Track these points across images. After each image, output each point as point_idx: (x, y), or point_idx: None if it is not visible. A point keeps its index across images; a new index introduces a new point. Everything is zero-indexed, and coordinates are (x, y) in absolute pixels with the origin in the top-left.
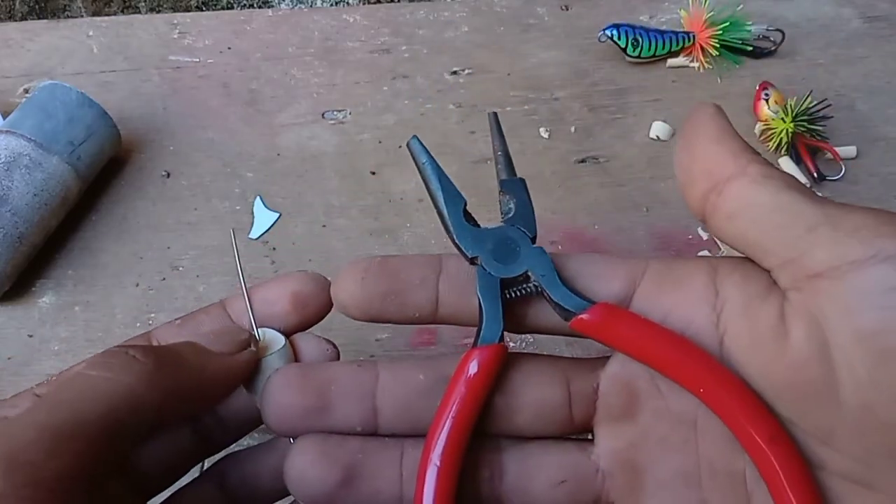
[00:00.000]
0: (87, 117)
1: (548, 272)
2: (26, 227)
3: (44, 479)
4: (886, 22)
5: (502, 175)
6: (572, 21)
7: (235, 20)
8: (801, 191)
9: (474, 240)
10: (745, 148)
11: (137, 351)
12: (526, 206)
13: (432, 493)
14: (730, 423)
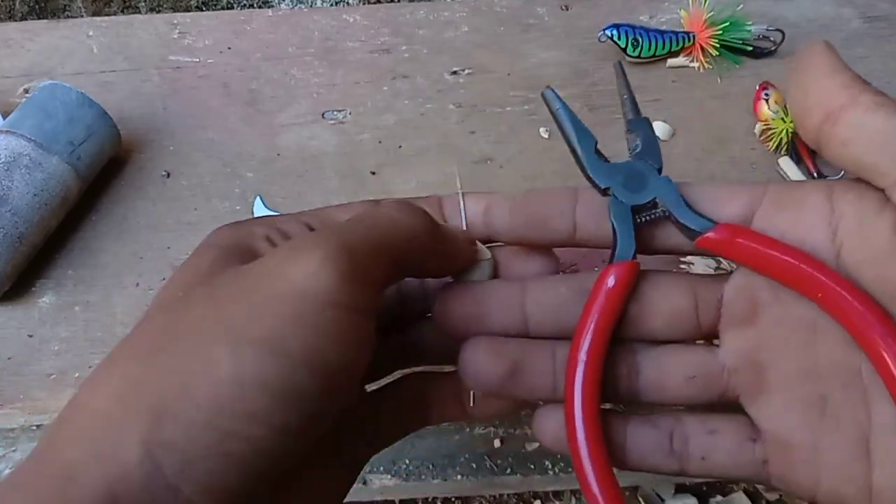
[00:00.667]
0: (87, 117)
1: (674, 198)
2: (26, 227)
3: (363, 277)
4: (886, 22)
5: (629, 115)
6: (572, 21)
7: (235, 20)
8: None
9: (606, 173)
10: (855, 78)
11: (420, 207)
12: (651, 141)
13: (580, 385)
14: (847, 325)
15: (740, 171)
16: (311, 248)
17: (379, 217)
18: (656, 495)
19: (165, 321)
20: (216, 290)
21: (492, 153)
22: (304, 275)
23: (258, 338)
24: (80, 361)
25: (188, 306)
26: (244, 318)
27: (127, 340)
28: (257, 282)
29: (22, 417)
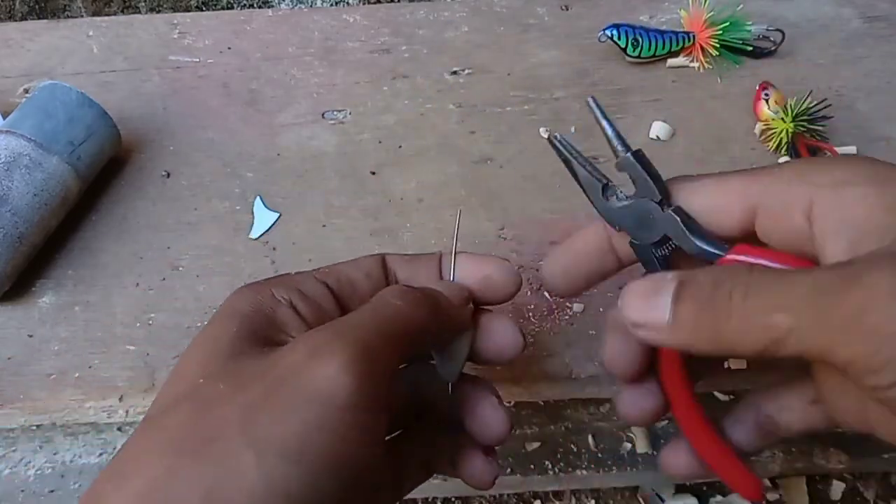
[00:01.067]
0: (87, 117)
1: (680, 232)
2: (26, 227)
3: (380, 375)
4: (886, 22)
5: (618, 152)
6: (572, 21)
7: (235, 20)
8: None
9: (618, 217)
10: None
11: (423, 293)
12: (644, 178)
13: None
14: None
15: None
16: (332, 352)
17: (389, 311)
18: (656, 495)
19: (191, 416)
20: (240, 388)
21: (492, 153)
22: (325, 379)
23: (284, 446)
24: (80, 361)
25: (212, 403)
26: (270, 425)
27: (152, 428)
28: (281, 383)
29: (22, 417)
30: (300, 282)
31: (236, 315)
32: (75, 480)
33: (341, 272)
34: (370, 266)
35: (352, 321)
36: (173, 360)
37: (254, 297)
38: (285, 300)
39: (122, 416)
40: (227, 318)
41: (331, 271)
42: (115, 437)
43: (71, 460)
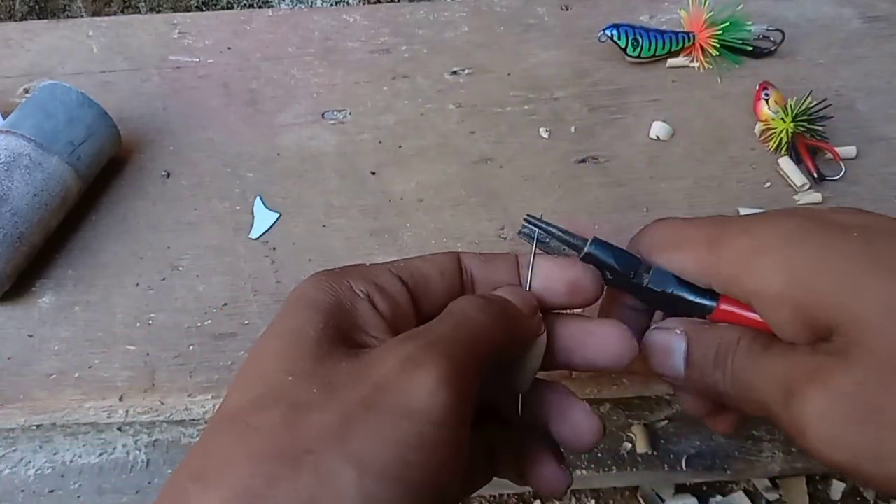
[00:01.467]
0: (87, 117)
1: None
2: (26, 227)
3: (469, 392)
4: (886, 22)
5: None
6: (572, 21)
7: (235, 20)
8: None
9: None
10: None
11: (501, 306)
12: (620, 253)
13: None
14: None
15: (740, 171)
16: (428, 365)
17: (473, 325)
18: (656, 495)
19: (285, 420)
20: (335, 395)
21: (492, 153)
22: (424, 394)
23: (384, 465)
24: (80, 361)
25: (307, 408)
26: (370, 441)
27: (240, 428)
28: (378, 394)
29: (22, 417)
30: (377, 274)
31: (318, 308)
32: (75, 480)
33: (416, 268)
34: (445, 264)
35: (440, 332)
36: (173, 360)
37: (332, 287)
38: (363, 294)
39: (121, 416)
40: (308, 310)
41: (406, 266)
42: (115, 437)
43: (71, 460)
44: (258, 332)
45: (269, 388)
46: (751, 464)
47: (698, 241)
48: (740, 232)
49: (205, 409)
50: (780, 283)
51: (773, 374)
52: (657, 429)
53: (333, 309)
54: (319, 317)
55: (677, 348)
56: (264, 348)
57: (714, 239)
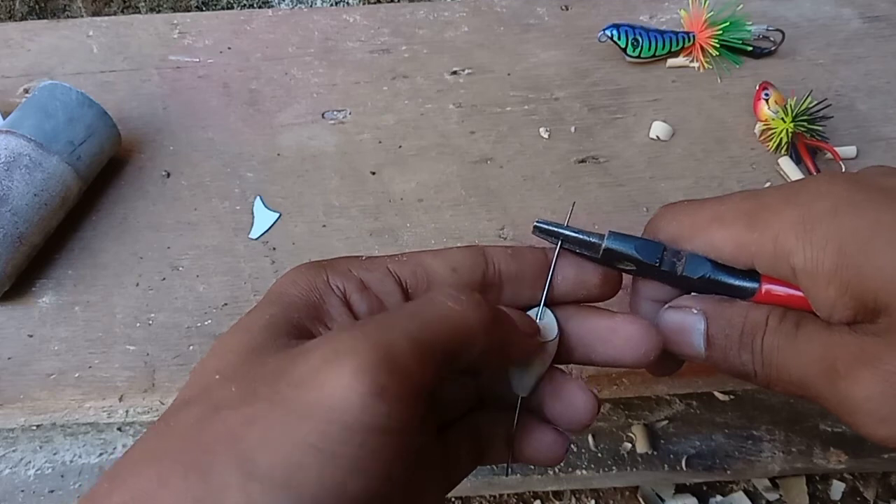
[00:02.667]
0: (87, 117)
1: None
2: (26, 227)
3: (403, 389)
4: (886, 22)
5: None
6: (572, 21)
7: (235, 20)
8: None
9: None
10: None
11: (485, 301)
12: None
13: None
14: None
15: (740, 171)
16: (350, 356)
17: (433, 312)
18: (656, 495)
19: (196, 421)
20: (249, 394)
21: (492, 153)
22: (333, 390)
23: (270, 470)
24: (80, 361)
25: (219, 408)
26: (262, 443)
27: (161, 428)
28: (288, 391)
29: (22, 417)
30: (367, 269)
31: (281, 303)
32: (75, 480)
33: (420, 263)
34: (461, 260)
35: (386, 320)
36: (173, 360)
37: (306, 280)
38: (339, 290)
39: (121, 416)
40: (270, 306)
41: (409, 260)
42: (115, 437)
43: (71, 460)
44: None
45: (199, 387)
46: (751, 464)
47: (734, 219)
48: (783, 203)
49: None
50: (830, 260)
51: (812, 354)
52: (657, 429)
53: (297, 303)
54: (274, 310)
55: (696, 328)
56: (216, 345)
57: (753, 214)
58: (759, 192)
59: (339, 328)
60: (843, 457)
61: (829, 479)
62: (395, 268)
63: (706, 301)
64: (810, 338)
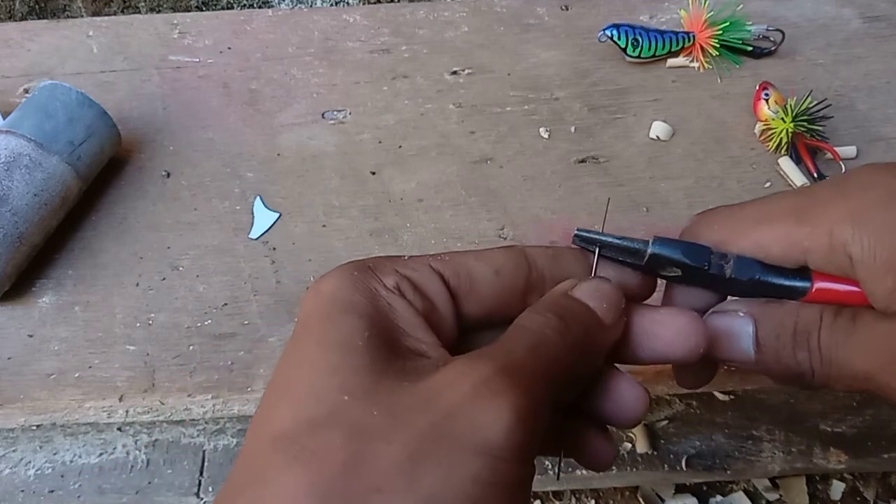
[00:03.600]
0: (87, 117)
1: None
2: (26, 227)
3: (541, 421)
4: (886, 22)
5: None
6: (572, 21)
7: (235, 20)
8: None
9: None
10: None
11: (585, 322)
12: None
13: None
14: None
15: (740, 171)
16: (506, 395)
17: (549, 351)
18: (656, 495)
19: (345, 448)
20: (399, 423)
21: (492, 153)
22: (501, 430)
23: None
24: (80, 361)
25: (369, 435)
26: (441, 480)
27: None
28: (448, 425)
29: (22, 417)
30: (413, 268)
31: (358, 312)
32: (75, 480)
33: (462, 264)
34: (503, 262)
35: (516, 356)
36: (173, 360)
37: (364, 285)
38: (396, 290)
39: (121, 416)
40: (348, 316)
41: (451, 260)
42: (115, 437)
43: (71, 460)
44: (258, 332)
45: (325, 407)
46: (751, 464)
47: (783, 216)
48: (835, 196)
49: (204, 409)
50: (887, 249)
51: (874, 347)
52: (657, 429)
53: (372, 312)
54: (363, 323)
55: (744, 332)
56: (312, 360)
57: (803, 209)
58: (805, 189)
59: (465, 360)
60: (843, 457)
61: (829, 479)
62: (438, 266)
63: (752, 304)
64: (870, 330)
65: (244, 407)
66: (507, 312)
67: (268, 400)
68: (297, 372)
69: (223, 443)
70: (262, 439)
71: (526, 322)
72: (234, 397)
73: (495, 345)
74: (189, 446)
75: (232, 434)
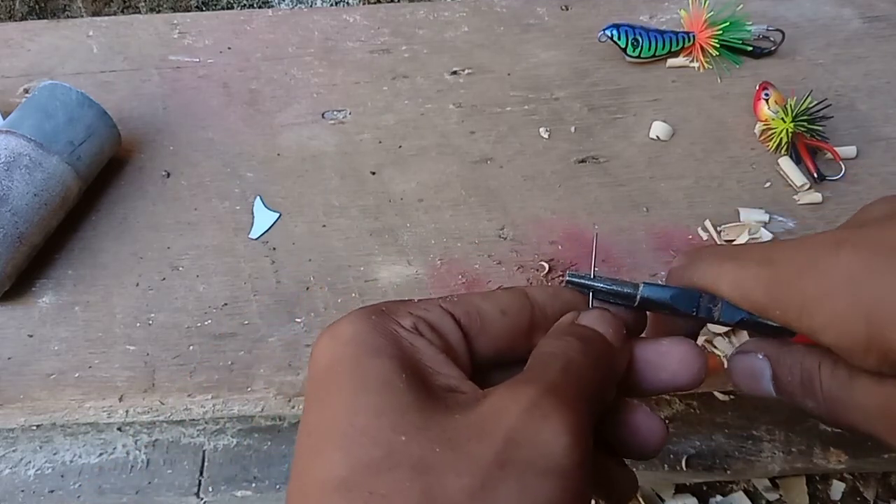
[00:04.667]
0: (87, 117)
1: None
2: (26, 227)
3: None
4: (886, 22)
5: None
6: (572, 21)
7: (235, 20)
8: None
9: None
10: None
11: (602, 344)
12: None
13: None
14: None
15: (740, 171)
16: (559, 415)
17: (580, 374)
18: (656, 495)
19: (415, 485)
20: (462, 454)
21: (492, 153)
22: (561, 450)
23: None
24: (80, 361)
25: (436, 470)
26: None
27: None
28: (511, 450)
29: (22, 417)
30: (425, 310)
31: (388, 355)
32: (75, 480)
33: (471, 305)
34: (509, 303)
35: (551, 378)
36: (173, 360)
37: (383, 328)
38: (416, 331)
39: (121, 416)
40: (379, 359)
41: (459, 301)
42: (115, 437)
43: (71, 460)
44: (258, 331)
45: (382, 449)
46: (751, 464)
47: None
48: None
49: (204, 409)
50: (861, 333)
51: (870, 406)
52: None
53: (399, 353)
54: (394, 364)
55: (763, 373)
56: (351, 405)
57: (772, 284)
58: (773, 257)
59: (510, 385)
60: (843, 457)
61: (829, 479)
62: (449, 307)
63: (768, 345)
64: (865, 390)
65: (244, 407)
66: (515, 351)
67: (308, 449)
68: (335, 418)
69: (223, 443)
70: (316, 488)
71: (549, 348)
72: (234, 397)
73: (527, 372)
74: (189, 446)
75: (232, 434)
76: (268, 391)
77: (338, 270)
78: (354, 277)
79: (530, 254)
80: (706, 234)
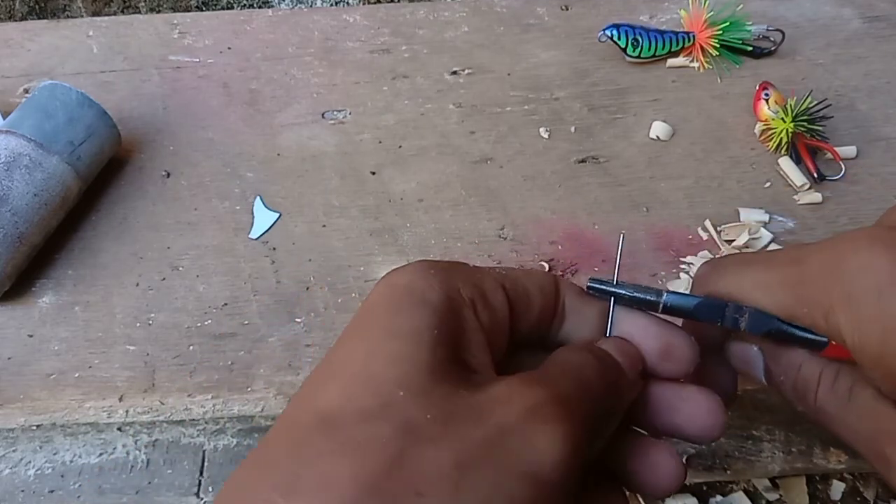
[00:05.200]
0: (87, 117)
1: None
2: (26, 227)
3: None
4: (886, 22)
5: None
6: (572, 21)
7: (235, 20)
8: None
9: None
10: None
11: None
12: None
13: None
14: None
15: (740, 171)
16: (558, 422)
17: (591, 389)
18: None
19: (393, 443)
20: (452, 430)
21: (492, 153)
22: (550, 454)
23: None
24: (80, 361)
25: (420, 436)
26: (485, 495)
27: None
28: (499, 440)
29: (22, 417)
30: (482, 279)
31: (433, 309)
32: (75, 480)
33: (519, 280)
34: (545, 282)
35: (563, 388)
36: (173, 360)
37: (442, 286)
38: (469, 301)
39: (121, 416)
40: (422, 309)
41: (508, 275)
42: (115, 437)
43: (71, 460)
44: (258, 332)
45: (378, 398)
46: (751, 464)
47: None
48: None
49: (204, 409)
50: (877, 342)
51: (861, 425)
52: None
53: (445, 312)
54: (434, 321)
55: (756, 363)
56: (373, 347)
57: (798, 287)
58: (801, 257)
59: (518, 383)
60: (843, 457)
61: (829, 479)
62: (501, 280)
63: (764, 341)
64: (861, 408)
65: (244, 407)
66: (539, 334)
67: (318, 376)
68: (354, 355)
69: (223, 443)
70: (306, 415)
71: (567, 357)
72: (234, 397)
73: (541, 372)
74: (189, 446)
75: (232, 434)
76: (268, 391)
77: (338, 270)
78: (354, 277)
79: (530, 254)
80: (706, 234)
